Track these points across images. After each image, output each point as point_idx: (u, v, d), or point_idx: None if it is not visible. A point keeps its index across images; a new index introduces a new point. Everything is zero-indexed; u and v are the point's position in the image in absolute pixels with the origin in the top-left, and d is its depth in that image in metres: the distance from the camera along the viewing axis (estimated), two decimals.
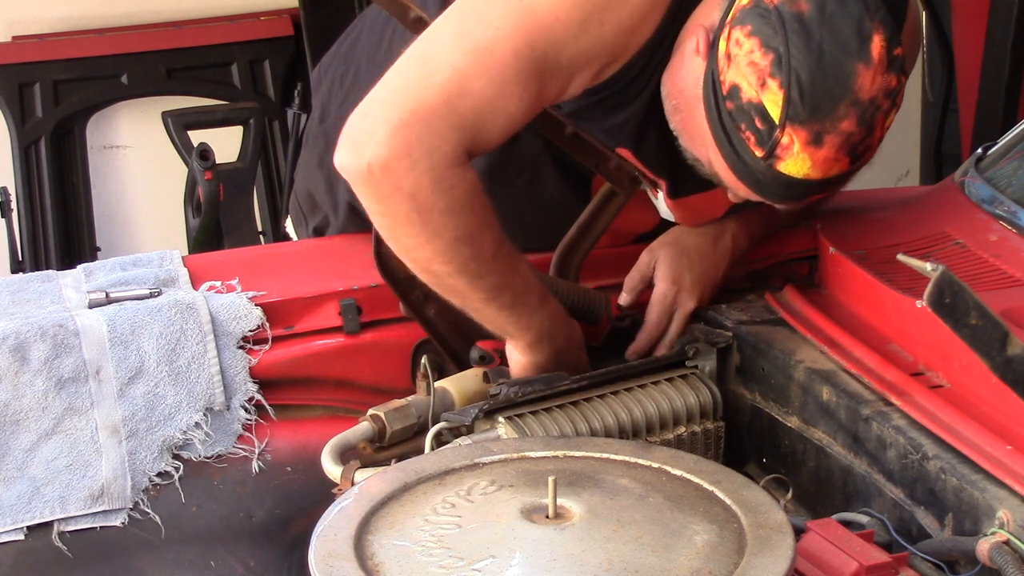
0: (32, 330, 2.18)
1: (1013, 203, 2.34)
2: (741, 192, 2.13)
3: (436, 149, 2.02)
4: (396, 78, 2.08)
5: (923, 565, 1.78)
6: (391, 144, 2.01)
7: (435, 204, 2.03)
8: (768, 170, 2.04)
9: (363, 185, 2.06)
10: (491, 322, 2.19)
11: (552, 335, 2.21)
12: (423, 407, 2.20)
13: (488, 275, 2.12)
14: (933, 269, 1.64)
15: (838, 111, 1.99)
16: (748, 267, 2.52)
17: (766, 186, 2.07)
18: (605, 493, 1.76)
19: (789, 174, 2.03)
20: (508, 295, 2.15)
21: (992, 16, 4.64)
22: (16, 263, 4.55)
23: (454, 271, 2.10)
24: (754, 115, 2.01)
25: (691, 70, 2.11)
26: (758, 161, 2.04)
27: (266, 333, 2.29)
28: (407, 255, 2.13)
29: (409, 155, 2.01)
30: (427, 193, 2.03)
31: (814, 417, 2.14)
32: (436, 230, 2.05)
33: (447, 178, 2.03)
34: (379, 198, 2.06)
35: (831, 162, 2.03)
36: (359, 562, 1.63)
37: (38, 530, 2.15)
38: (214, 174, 3.99)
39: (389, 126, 2.02)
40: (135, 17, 4.92)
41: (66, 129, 4.85)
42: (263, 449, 2.27)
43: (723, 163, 2.09)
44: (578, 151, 2.32)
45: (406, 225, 2.06)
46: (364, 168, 2.03)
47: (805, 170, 2.03)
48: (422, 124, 2.02)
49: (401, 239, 2.10)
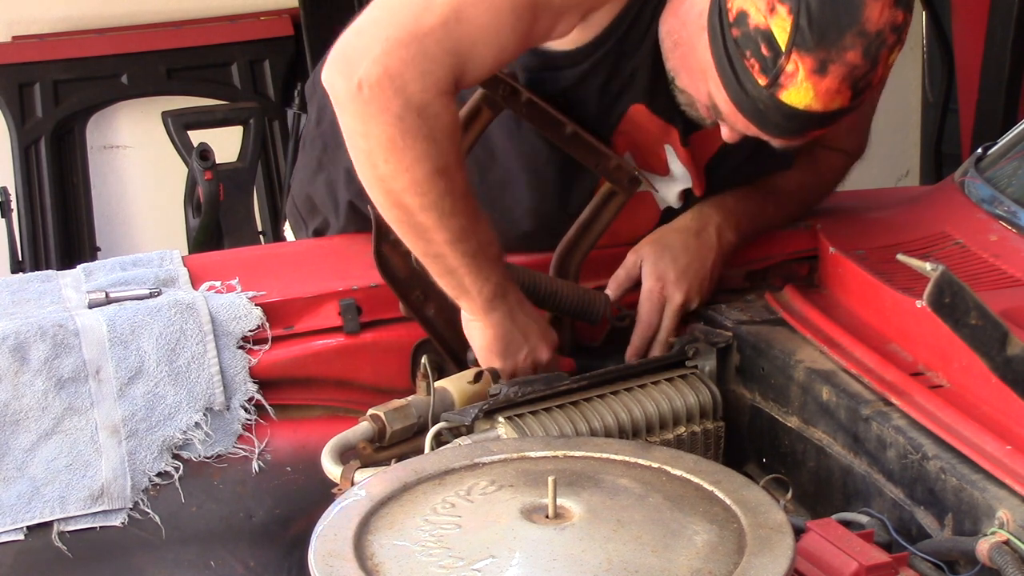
0: (32, 330, 2.18)
1: (1013, 203, 2.34)
2: (739, 126, 2.13)
3: (429, 72, 2.03)
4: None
5: (923, 565, 1.78)
6: (385, 62, 2.02)
7: (420, 129, 2.04)
8: (770, 99, 2.04)
9: (350, 103, 2.06)
10: (451, 273, 2.17)
11: (505, 292, 2.21)
12: (423, 407, 2.20)
13: (458, 215, 2.11)
14: (933, 269, 1.64)
15: (845, 40, 2.00)
16: (748, 267, 2.52)
17: (766, 117, 2.07)
18: (605, 493, 1.76)
19: (791, 104, 2.04)
20: (473, 241, 2.14)
21: (992, 16, 4.65)
22: (16, 263, 4.56)
23: (427, 205, 2.09)
24: (760, 41, 2.02)
25: (694, 3, 2.12)
26: (761, 90, 2.04)
27: (266, 333, 2.29)
28: (381, 185, 2.11)
29: (402, 75, 2.02)
30: (414, 116, 2.03)
31: (814, 417, 2.14)
32: (417, 157, 2.05)
33: (434, 104, 2.04)
34: (365, 118, 2.06)
35: (833, 94, 2.03)
36: (359, 562, 1.63)
37: (38, 530, 2.15)
38: (214, 174, 3.99)
39: (385, 44, 2.03)
40: (135, 17, 4.92)
41: (66, 129, 4.85)
42: (263, 449, 2.27)
43: (724, 94, 2.09)
44: (578, 151, 2.32)
45: (387, 150, 2.06)
46: (354, 85, 2.04)
47: (807, 100, 2.03)
48: (418, 45, 2.03)
49: (379, 165, 2.08)
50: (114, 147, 5.03)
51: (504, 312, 2.21)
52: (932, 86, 5.22)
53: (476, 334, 2.24)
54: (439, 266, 2.17)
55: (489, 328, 2.22)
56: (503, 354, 2.22)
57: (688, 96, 2.21)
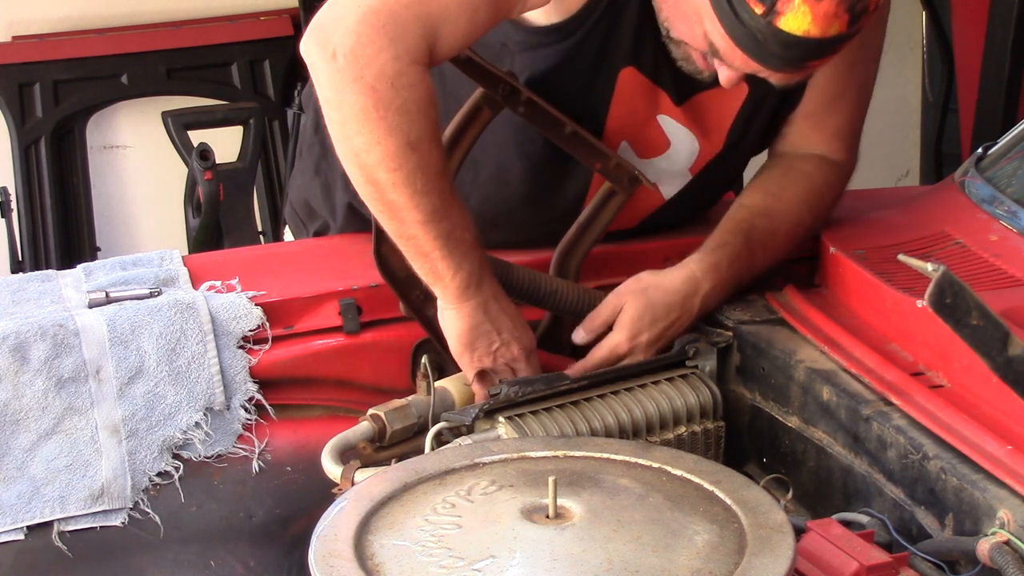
0: (32, 330, 2.18)
1: (1013, 203, 2.34)
2: (738, 62, 2.11)
3: (400, 40, 2.05)
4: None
5: (923, 565, 1.78)
6: (358, 30, 2.05)
7: (392, 100, 2.05)
8: (768, 27, 2.03)
9: (325, 71, 2.08)
10: (425, 256, 2.16)
11: (480, 281, 2.19)
12: (423, 407, 2.20)
13: (431, 194, 2.11)
14: (934, 269, 1.64)
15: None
16: None
17: (765, 48, 2.06)
18: (605, 493, 1.76)
19: (789, 31, 2.02)
20: (446, 223, 2.13)
21: (992, 16, 4.65)
22: (16, 263, 4.56)
23: (399, 181, 2.09)
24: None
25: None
26: (757, 19, 2.02)
27: (266, 333, 2.29)
28: (355, 160, 2.11)
29: (374, 43, 2.04)
30: (387, 86, 2.05)
31: (814, 417, 2.14)
32: (389, 128, 2.06)
33: (408, 74, 2.06)
34: (339, 87, 2.07)
35: (831, 18, 2.02)
36: (359, 562, 1.63)
37: (38, 530, 2.15)
38: (214, 174, 3.99)
39: (357, 12, 2.06)
40: (135, 17, 4.92)
41: (66, 129, 4.85)
42: (263, 449, 2.27)
43: (720, 30, 2.08)
44: (577, 150, 2.32)
45: (361, 120, 2.07)
46: (329, 54, 2.06)
47: (805, 26, 2.02)
48: (389, 13, 2.06)
49: (352, 137, 2.09)
50: (114, 147, 5.03)
51: (478, 303, 2.20)
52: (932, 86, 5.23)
53: (448, 323, 2.22)
54: (413, 248, 2.16)
55: (461, 318, 2.20)
56: (472, 345, 2.21)
57: (683, 48, 2.21)
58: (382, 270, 2.26)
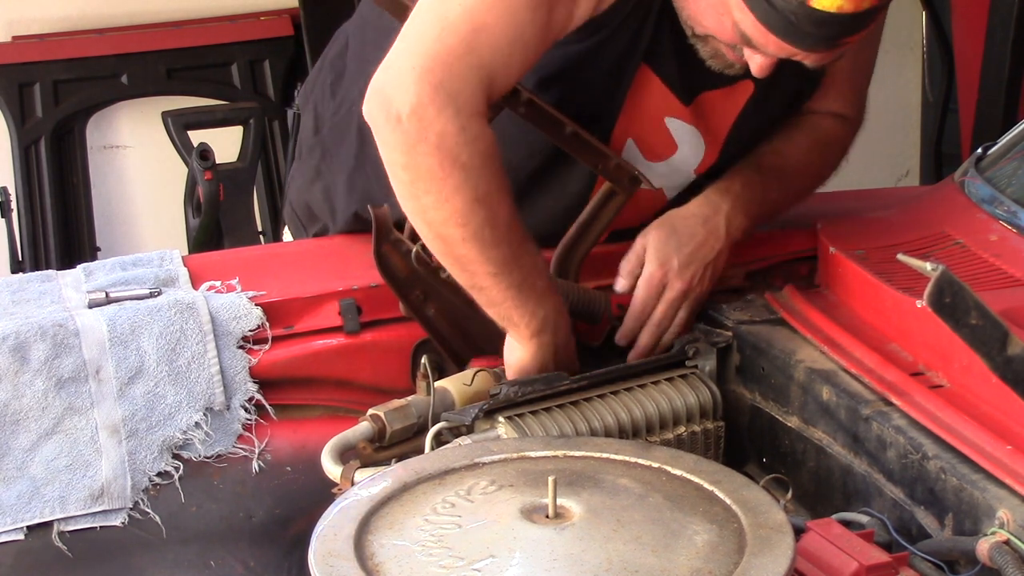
0: (32, 330, 2.18)
1: (1013, 203, 2.34)
2: (771, 48, 2.11)
3: (459, 92, 2.05)
4: (412, 27, 2.12)
5: (923, 565, 1.78)
6: (417, 91, 2.04)
7: (458, 156, 2.05)
8: (800, 8, 2.03)
9: (391, 134, 2.08)
10: (496, 304, 2.18)
11: (556, 327, 2.21)
12: (423, 407, 2.20)
13: (500, 245, 2.12)
14: (933, 269, 1.64)
15: None
16: (748, 267, 2.51)
17: (798, 28, 2.06)
18: (605, 493, 1.76)
19: (822, 8, 2.02)
20: (517, 273, 2.15)
21: (992, 16, 4.64)
22: (16, 263, 4.56)
23: (468, 236, 2.10)
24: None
25: None
26: (789, 1, 2.03)
27: (266, 333, 2.29)
28: (423, 216, 2.12)
29: (434, 101, 2.04)
30: (451, 142, 2.05)
31: (814, 417, 2.14)
32: (456, 186, 2.06)
33: (470, 128, 2.06)
34: (405, 148, 2.07)
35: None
36: (359, 562, 1.63)
37: (38, 530, 2.15)
38: (214, 174, 3.99)
39: (413, 74, 2.05)
40: (135, 17, 4.92)
41: (66, 129, 4.85)
42: (263, 449, 2.27)
43: (751, 18, 2.08)
44: (578, 150, 2.32)
45: (428, 180, 2.07)
46: (393, 118, 2.06)
47: (839, 2, 2.02)
48: (444, 67, 2.05)
49: (420, 196, 2.10)
50: (114, 147, 5.03)
51: (548, 347, 2.21)
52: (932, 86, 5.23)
53: (515, 354, 2.24)
54: (484, 298, 2.18)
55: (528, 356, 2.22)
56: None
57: (711, 45, 2.21)
58: (382, 270, 2.26)
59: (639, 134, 2.39)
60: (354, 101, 2.52)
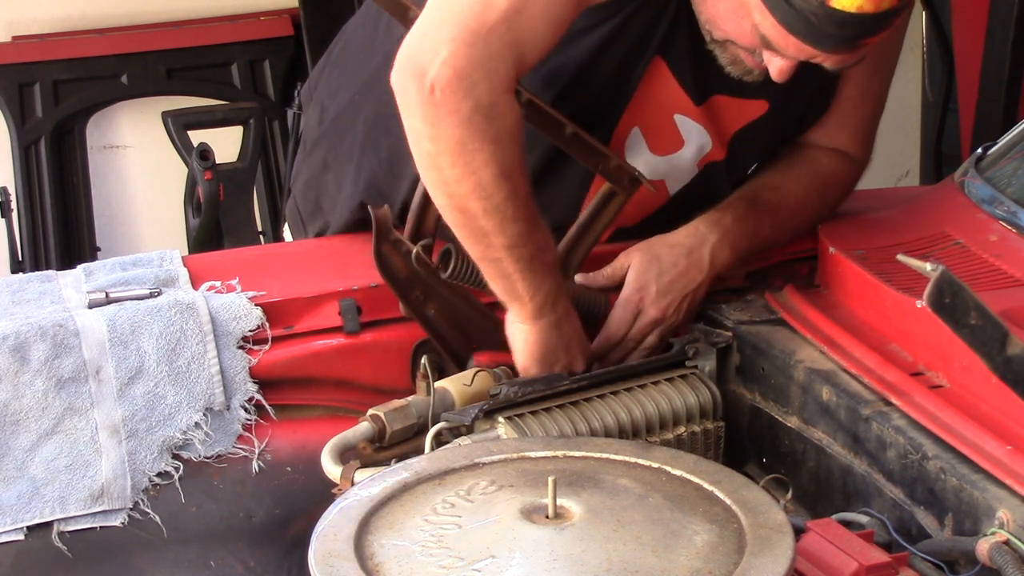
0: (32, 330, 2.18)
1: (1013, 203, 2.34)
2: (791, 50, 2.11)
3: (495, 71, 2.04)
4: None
5: (923, 565, 1.78)
6: (454, 63, 2.03)
7: (487, 131, 2.05)
8: (820, 8, 2.03)
9: (420, 106, 2.06)
10: (505, 277, 2.17)
11: (556, 301, 2.21)
12: (423, 407, 2.20)
13: (519, 220, 2.12)
14: (933, 269, 1.64)
15: None
16: (748, 267, 2.51)
17: (819, 29, 2.06)
18: (605, 493, 1.76)
19: (842, 9, 2.03)
20: (531, 247, 2.15)
21: (992, 16, 4.64)
22: (16, 263, 4.56)
23: (490, 209, 2.09)
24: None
25: None
26: (810, 1, 2.03)
27: (266, 333, 2.29)
28: (445, 188, 2.11)
29: (471, 76, 2.03)
30: (481, 118, 2.04)
31: (814, 417, 2.14)
32: (484, 161, 2.06)
33: (500, 104, 2.05)
34: (435, 120, 2.05)
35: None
36: (359, 562, 1.63)
37: (38, 530, 2.15)
38: (214, 174, 3.99)
39: (451, 45, 2.04)
40: (135, 17, 4.92)
41: (66, 129, 4.85)
42: (263, 449, 2.27)
43: (771, 19, 2.08)
44: (578, 151, 2.32)
45: (455, 152, 2.06)
46: (426, 88, 2.04)
47: (859, 1, 2.02)
48: (483, 43, 2.04)
49: (444, 169, 2.09)
50: (114, 147, 5.03)
51: (551, 321, 2.21)
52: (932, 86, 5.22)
53: (518, 338, 2.24)
54: (494, 270, 2.18)
55: (533, 335, 2.22)
56: (540, 362, 2.23)
57: (730, 52, 2.21)
58: (382, 270, 2.26)
59: (646, 126, 2.39)
60: (357, 90, 2.53)
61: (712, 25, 2.20)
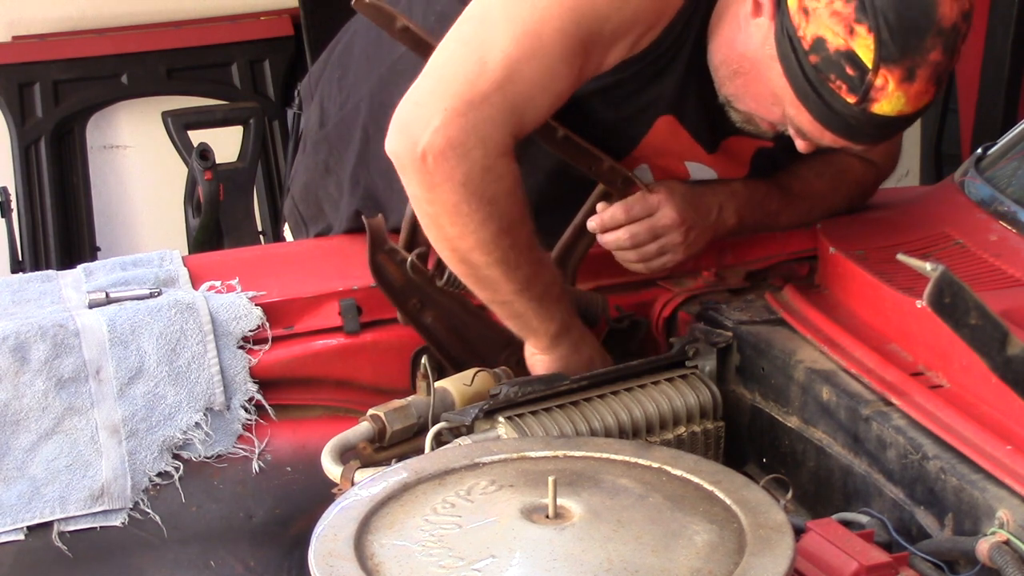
0: (32, 330, 2.18)
1: (1013, 203, 2.34)
2: (826, 141, 2.14)
3: (489, 138, 2.05)
4: (447, 65, 2.10)
5: (923, 565, 1.78)
6: (446, 133, 2.03)
7: (484, 193, 2.05)
8: (862, 114, 2.06)
9: (415, 173, 2.07)
10: (517, 316, 2.20)
11: (570, 325, 2.23)
12: (423, 407, 2.20)
13: (524, 266, 2.14)
14: (933, 269, 1.64)
15: (926, 43, 2.02)
16: (748, 267, 2.51)
17: (858, 130, 2.09)
18: (605, 493, 1.76)
19: (883, 114, 2.06)
20: (538, 286, 2.17)
21: (992, 16, 4.64)
22: (16, 263, 4.56)
23: (493, 262, 2.11)
24: (844, 63, 2.03)
25: (751, 34, 2.12)
26: (851, 107, 2.05)
27: (266, 333, 2.29)
28: (447, 244, 2.13)
29: (464, 144, 2.03)
30: (477, 182, 2.05)
31: (814, 417, 2.14)
32: (482, 220, 2.07)
33: (497, 167, 2.06)
34: (429, 186, 2.06)
35: (922, 95, 2.06)
36: (359, 562, 1.63)
37: (38, 530, 2.15)
38: (214, 174, 3.99)
39: (443, 115, 2.04)
40: (135, 17, 4.92)
41: (66, 129, 4.85)
42: (263, 449, 2.27)
43: (807, 116, 2.10)
44: (570, 154, 2.31)
45: (453, 215, 2.07)
46: (418, 156, 2.05)
47: (900, 107, 2.05)
48: (476, 113, 2.04)
49: (445, 228, 2.10)
50: (114, 147, 5.03)
51: (568, 346, 2.24)
52: None
53: (540, 367, 2.26)
54: (506, 311, 2.21)
55: (553, 363, 2.24)
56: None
57: (746, 115, 2.22)
58: (378, 279, 2.26)
59: (654, 165, 2.39)
60: (360, 99, 2.52)
61: (735, 99, 2.21)
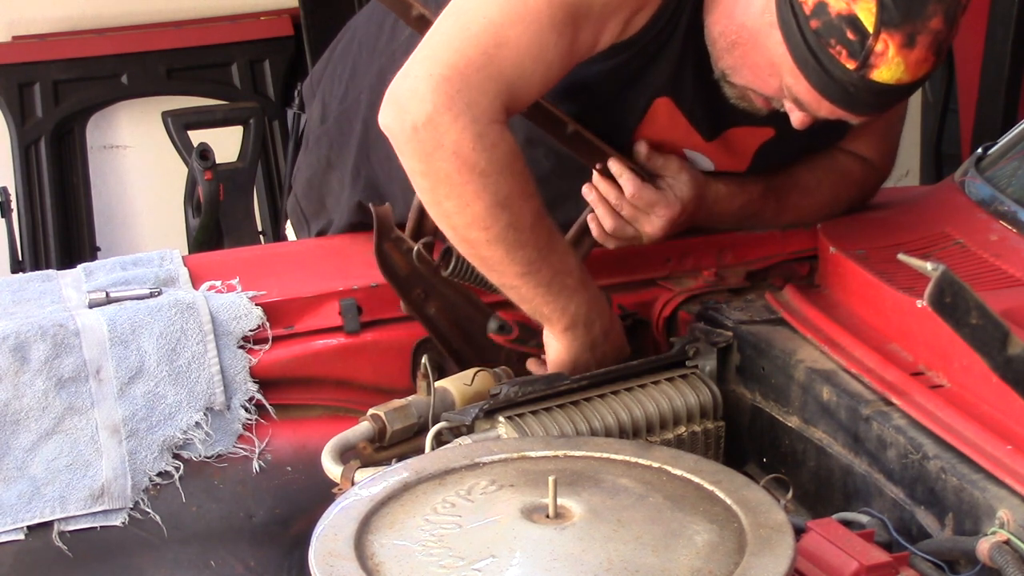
0: (32, 330, 2.18)
1: (1013, 203, 2.34)
2: (823, 111, 2.14)
3: (476, 103, 2.05)
4: (434, 35, 2.11)
5: (923, 565, 1.78)
6: (433, 99, 2.04)
7: (476, 162, 2.05)
8: (860, 81, 2.05)
9: (407, 143, 2.08)
10: (527, 301, 2.19)
11: (589, 322, 2.22)
12: (423, 407, 2.20)
13: (526, 246, 2.12)
14: (933, 269, 1.64)
15: (928, 9, 2.02)
16: (748, 267, 2.52)
17: (856, 98, 2.09)
18: (605, 493, 1.76)
19: (882, 81, 2.05)
20: (546, 272, 2.16)
21: (992, 16, 4.64)
22: (16, 263, 4.56)
23: (492, 239, 2.10)
24: (845, 27, 2.02)
25: (751, 2, 2.12)
26: (850, 73, 2.05)
27: (266, 333, 2.30)
28: (446, 221, 2.13)
29: (451, 109, 2.03)
30: (468, 150, 2.04)
31: (814, 417, 2.14)
32: (476, 191, 2.07)
33: (488, 135, 2.05)
34: (422, 156, 2.07)
35: (921, 63, 2.06)
36: (359, 562, 1.63)
37: (38, 530, 2.15)
38: (214, 174, 4.00)
39: (430, 82, 2.04)
40: (135, 17, 4.93)
41: (66, 129, 4.86)
42: (263, 449, 2.27)
43: (805, 84, 2.09)
44: (579, 150, 2.32)
45: (447, 185, 2.07)
46: (408, 126, 2.05)
47: (899, 74, 2.05)
48: (461, 78, 2.05)
49: (442, 202, 2.10)
50: (114, 147, 5.04)
51: (584, 342, 2.23)
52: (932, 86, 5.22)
53: (552, 348, 2.26)
54: (515, 295, 2.20)
55: (565, 350, 2.24)
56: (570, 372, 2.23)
57: (740, 90, 2.21)
58: (383, 268, 2.26)
59: None
60: (361, 91, 2.53)
61: (731, 71, 2.20)
